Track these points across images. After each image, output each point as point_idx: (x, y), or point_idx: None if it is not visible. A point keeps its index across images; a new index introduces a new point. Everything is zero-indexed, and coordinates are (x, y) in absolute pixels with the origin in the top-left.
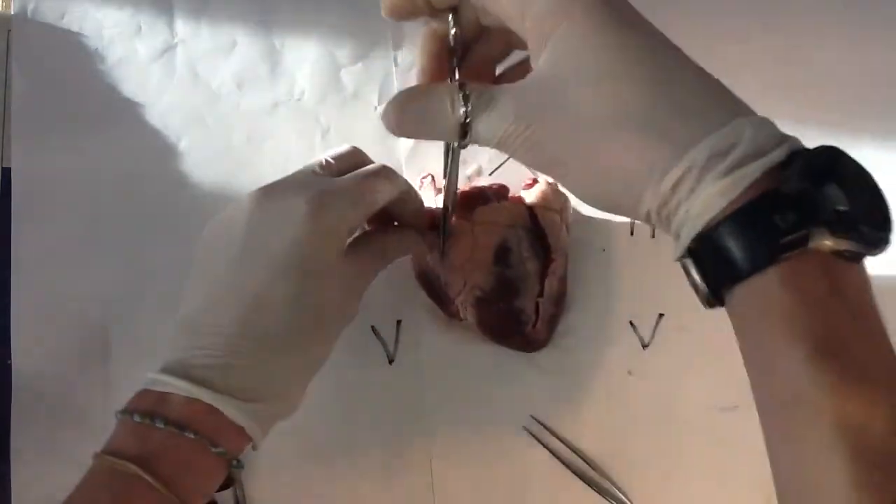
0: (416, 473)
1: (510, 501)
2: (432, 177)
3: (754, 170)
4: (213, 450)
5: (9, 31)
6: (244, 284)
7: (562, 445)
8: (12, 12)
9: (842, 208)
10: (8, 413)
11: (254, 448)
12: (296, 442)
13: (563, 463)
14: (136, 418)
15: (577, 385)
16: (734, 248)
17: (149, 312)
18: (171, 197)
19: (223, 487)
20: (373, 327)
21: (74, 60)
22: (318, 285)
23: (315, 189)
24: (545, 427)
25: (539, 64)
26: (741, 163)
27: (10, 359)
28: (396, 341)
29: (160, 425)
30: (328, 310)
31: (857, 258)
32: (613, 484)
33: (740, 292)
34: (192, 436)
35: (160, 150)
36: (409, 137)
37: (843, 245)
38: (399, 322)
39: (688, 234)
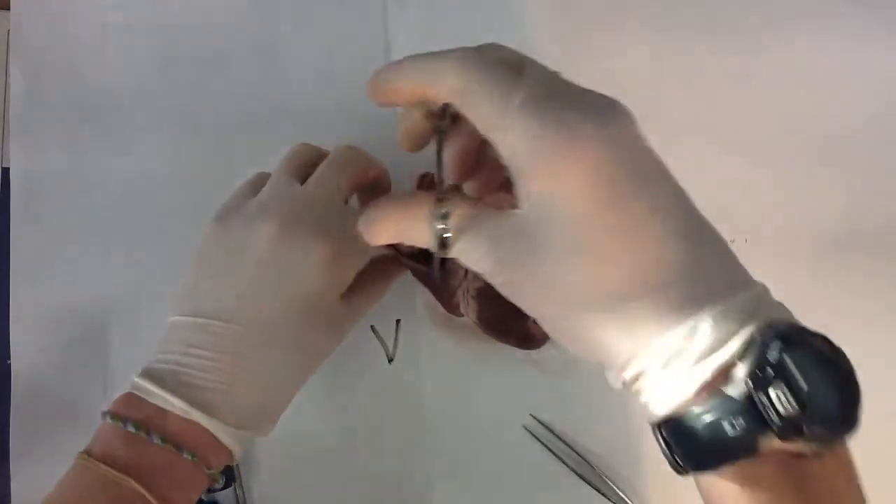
0: (416, 473)
1: (510, 501)
2: (432, 176)
3: (703, 371)
4: (207, 471)
5: (8, 31)
6: (251, 318)
7: (562, 445)
8: (12, 12)
9: (787, 412)
10: (8, 413)
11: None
12: (296, 442)
13: (564, 462)
14: (131, 428)
15: (577, 384)
16: (686, 446)
17: (149, 313)
18: (170, 197)
19: (223, 487)
20: (372, 327)
21: (74, 60)
22: (320, 326)
23: (333, 236)
24: (545, 427)
25: (519, 207)
26: (695, 361)
27: (9, 359)
28: (396, 341)
29: (157, 441)
30: (323, 347)
31: (819, 454)
32: (613, 483)
33: (700, 478)
34: (189, 457)
35: (160, 150)
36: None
37: (794, 448)
38: (399, 322)
39: (649, 417)
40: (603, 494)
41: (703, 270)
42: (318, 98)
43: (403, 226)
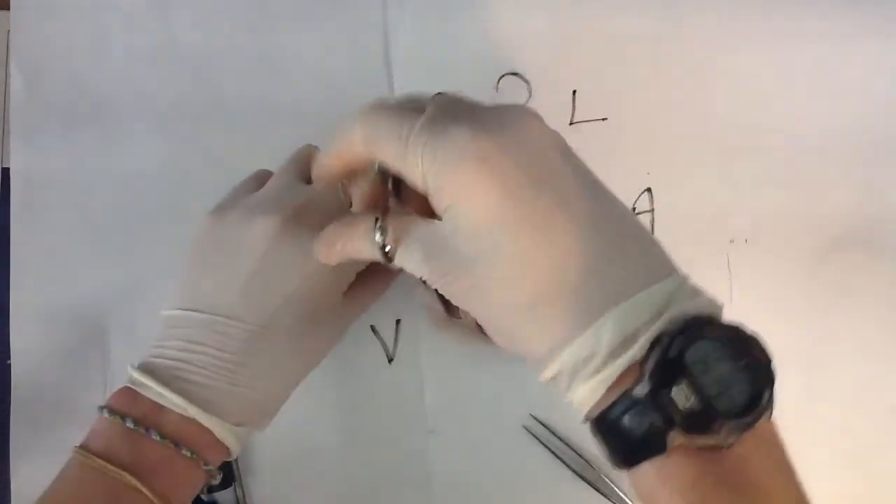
0: (416, 473)
1: (510, 501)
2: None
3: (608, 375)
4: (205, 468)
5: (8, 31)
6: (254, 315)
7: (562, 445)
8: (12, 12)
9: (691, 409)
10: (7, 413)
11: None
12: (296, 441)
13: (564, 462)
14: (129, 423)
15: None
16: (609, 445)
17: (148, 312)
18: (170, 197)
19: (223, 486)
20: (372, 327)
21: (74, 60)
22: (322, 323)
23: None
24: (545, 427)
25: (441, 219)
26: (602, 364)
27: (9, 359)
28: (396, 341)
29: (155, 437)
30: (324, 344)
31: (736, 443)
32: (613, 483)
33: (630, 474)
34: (188, 454)
35: (160, 150)
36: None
37: (701, 441)
38: (398, 322)
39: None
40: (603, 494)
41: (615, 265)
42: (317, 98)
43: (350, 245)
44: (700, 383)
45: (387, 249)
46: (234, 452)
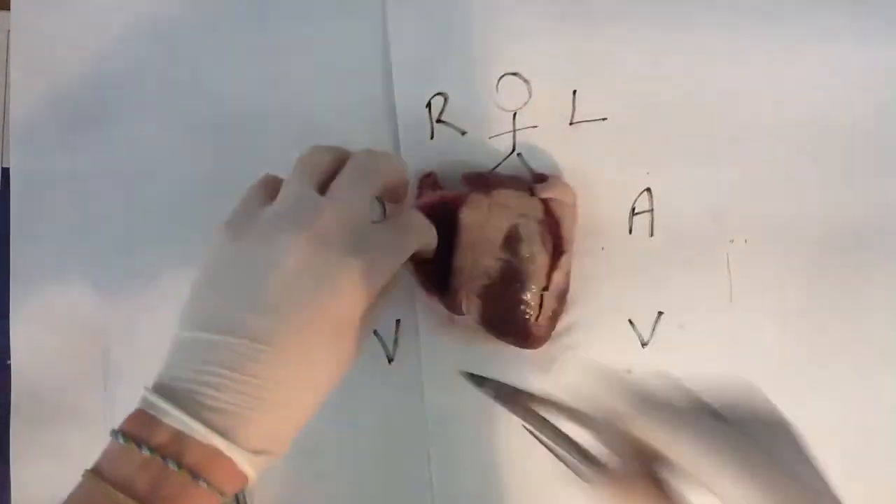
0: (416, 473)
1: (510, 501)
2: (434, 176)
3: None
4: (222, 498)
5: (8, 31)
6: (277, 338)
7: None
8: (12, 12)
9: None
10: (7, 413)
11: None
12: (295, 442)
13: (564, 462)
14: (146, 451)
15: (577, 384)
16: None
17: (148, 313)
18: (170, 197)
19: None
20: None
21: (74, 60)
22: (344, 345)
23: (363, 252)
24: (545, 426)
25: None
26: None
27: (9, 359)
28: (396, 341)
29: (173, 467)
30: (344, 366)
31: None
32: None
33: None
34: (205, 485)
35: (160, 151)
36: None
37: None
38: (398, 322)
39: None
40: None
41: None
42: (317, 98)
43: None
44: None
45: None
46: (252, 482)
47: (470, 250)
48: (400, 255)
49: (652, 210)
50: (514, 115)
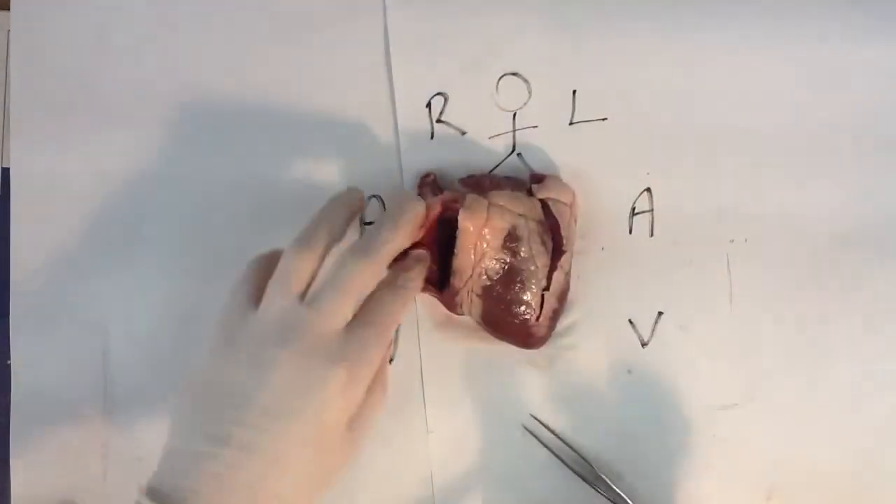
0: (415, 472)
1: (510, 501)
2: (434, 177)
3: None
4: None
5: (8, 30)
6: (267, 449)
7: (562, 445)
8: (12, 12)
9: None
10: (7, 413)
11: None
12: None
13: (564, 462)
14: None
15: (577, 384)
16: None
17: (148, 313)
18: (170, 197)
19: None
20: None
21: (74, 60)
22: (334, 451)
23: (348, 360)
24: (545, 426)
25: None
26: None
27: (9, 359)
28: (396, 341)
29: None
30: (335, 470)
31: None
32: (613, 483)
33: None
34: None
35: (161, 151)
36: None
37: None
38: None
39: None
40: (603, 494)
41: None
42: (317, 99)
43: None
44: None
45: None
46: None
47: (470, 251)
48: (380, 350)
49: (652, 210)
50: (514, 115)
